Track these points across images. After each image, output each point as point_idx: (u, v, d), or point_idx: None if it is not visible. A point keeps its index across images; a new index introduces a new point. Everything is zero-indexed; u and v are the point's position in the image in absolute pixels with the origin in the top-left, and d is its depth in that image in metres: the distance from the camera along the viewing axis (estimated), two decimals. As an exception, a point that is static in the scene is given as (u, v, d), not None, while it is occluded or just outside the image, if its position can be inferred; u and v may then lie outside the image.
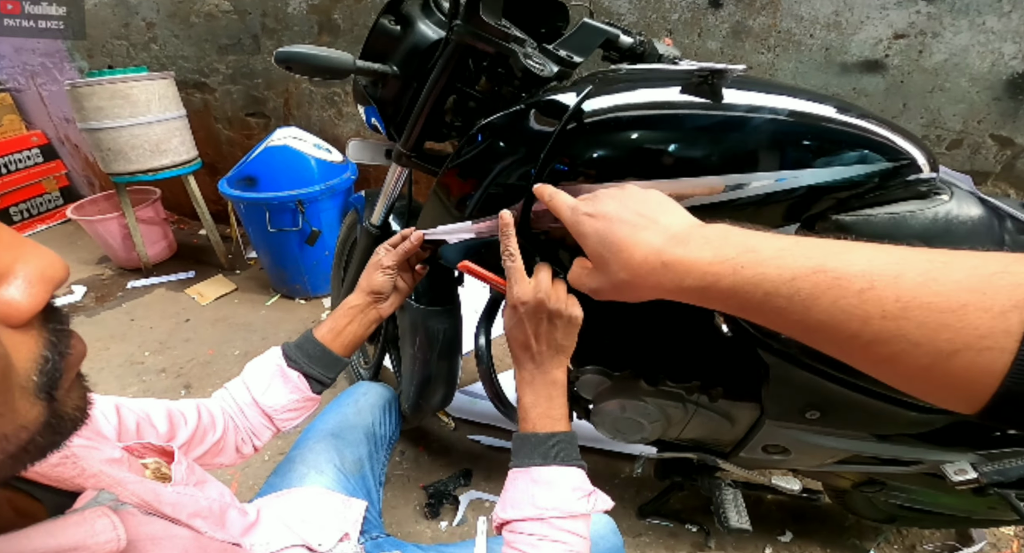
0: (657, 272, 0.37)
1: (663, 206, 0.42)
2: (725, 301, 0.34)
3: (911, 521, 1.04)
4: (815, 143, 0.53)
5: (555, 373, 0.57)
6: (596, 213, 0.43)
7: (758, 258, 0.32)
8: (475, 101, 0.77)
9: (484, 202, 0.68)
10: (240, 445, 0.67)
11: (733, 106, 0.55)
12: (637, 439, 0.90)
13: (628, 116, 0.57)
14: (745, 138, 0.54)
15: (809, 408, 0.73)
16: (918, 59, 1.28)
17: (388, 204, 0.92)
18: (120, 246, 2.33)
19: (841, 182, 0.53)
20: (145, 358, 1.86)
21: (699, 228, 0.38)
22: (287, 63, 0.62)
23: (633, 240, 0.39)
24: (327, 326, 0.71)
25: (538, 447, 0.55)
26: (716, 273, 0.33)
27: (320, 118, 2.20)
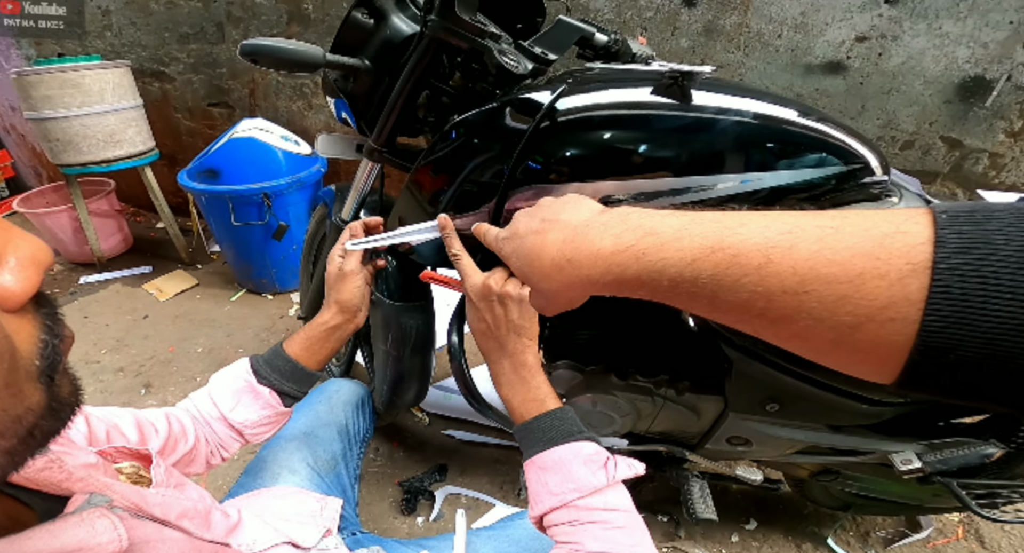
0: (565, 271, 0.35)
1: (569, 204, 0.40)
2: (637, 290, 0.31)
3: (864, 509, 1.09)
4: (779, 146, 0.55)
5: (523, 356, 0.57)
6: (510, 234, 0.43)
7: (658, 242, 0.29)
8: (448, 97, 0.76)
9: (458, 199, 0.68)
10: (209, 457, 0.65)
11: (702, 108, 0.57)
12: (608, 433, 0.92)
13: (600, 116, 0.58)
14: (713, 140, 0.56)
15: (769, 401, 0.77)
16: (877, 61, 1.32)
17: (359, 200, 0.91)
18: (71, 240, 2.21)
19: (801, 184, 0.55)
20: (101, 357, 1.78)
21: (598, 216, 0.36)
22: (253, 56, 0.60)
23: (540, 246, 0.38)
24: (300, 344, 0.69)
25: (534, 433, 0.54)
26: (620, 263, 0.31)
27: (288, 109, 2.14)
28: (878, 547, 1.16)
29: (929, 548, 1.16)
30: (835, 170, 0.55)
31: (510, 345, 0.57)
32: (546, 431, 0.53)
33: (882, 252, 0.21)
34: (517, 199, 0.63)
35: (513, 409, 0.57)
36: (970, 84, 1.26)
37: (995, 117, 1.28)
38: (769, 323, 0.25)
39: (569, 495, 0.49)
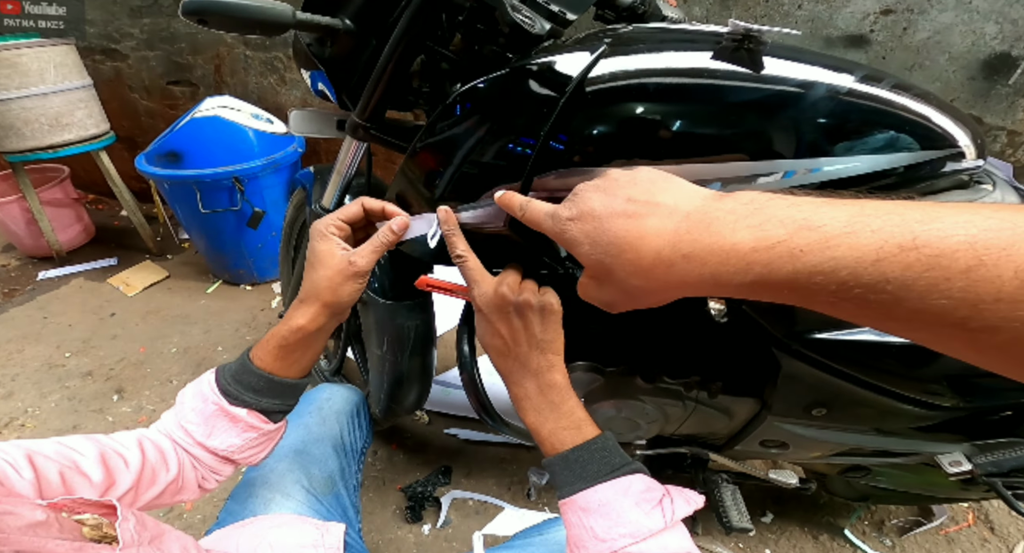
0: (677, 268, 0.30)
1: (658, 183, 0.34)
2: (779, 293, 0.27)
3: (882, 499, 1.07)
4: (870, 127, 0.45)
5: (549, 375, 0.49)
6: (579, 214, 0.35)
7: (822, 237, 0.24)
8: (448, 63, 0.64)
9: (457, 185, 0.57)
10: (202, 482, 0.56)
11: (783, 79, 0.46)
12: (632, 439, 0.84)
13: (651, 84, 0.47)
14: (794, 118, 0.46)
15: (816, 405, 0.70)
16: (902, 36, 1.26)
17: (342, 184, 0.79)
18: (25, 232, 2.04)
19: (886, 171, 0.46)
20: (66, 360, 1.64)
21: (718, 201, 0.30)
22: (200, 15, 0.47)
23: (636, 234, 0.31)
24: (273, 353, 0.54)
25: (571, 468, 0.46)
26: (766, 262, 0.26)
27: (259, 85, 1.96)
28: (892, 535, 1.15)
29: (941, 535, 1.15)
30: (927, 155, 0.45)
31: (533, 364, 0.49)
32: (586, 465, 0.45)
33: None
34: (551, 183, 0.52)
35: (543, 439, 0.48)
36: (995, 61, 1.22)
37: (1017, 95, 1.25)
38: (966, 334, 0.21)
39: (620, 541, 0.42)
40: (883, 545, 1.12)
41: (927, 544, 1.12)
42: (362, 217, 0.55)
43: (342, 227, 0.54)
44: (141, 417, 1.44)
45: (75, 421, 1.42)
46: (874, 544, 1.12)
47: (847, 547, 1.11)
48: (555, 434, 0.47)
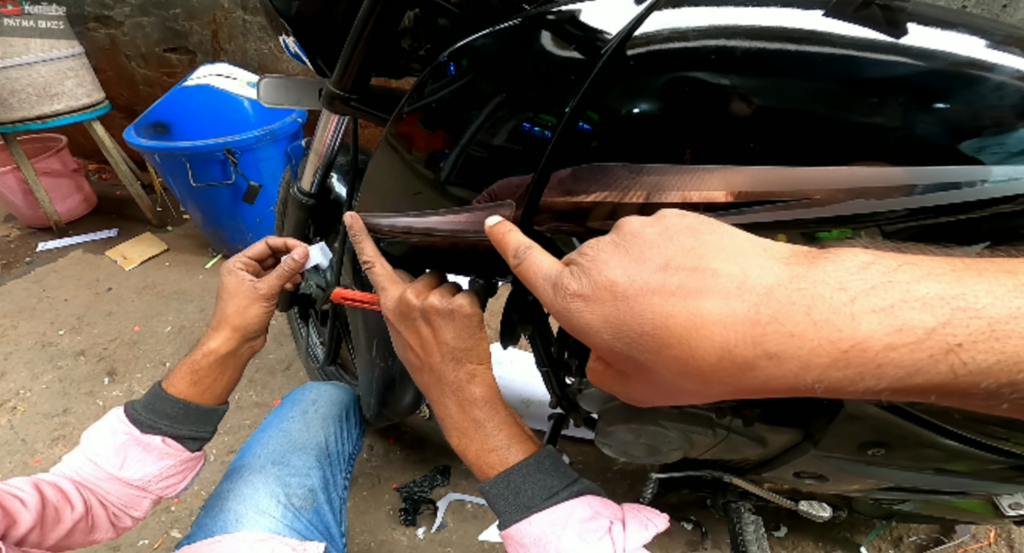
0: (759, 372, 0.20)
1: (706, 239, 0.24)
2: (921, 397, 0.19)
3: (908, 518, 1.00)
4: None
5: (468, 389, 0.43)
6: (594, 289, 0.24)
7: (987, 326, 0.17)
8: (447, 17, 0.52)
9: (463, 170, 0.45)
10: (114, 520, 0.54)
11: (939, 55, 0.32)
12: (651, 462, 0.75)
13: (728, 49, 0.33)
14: (956, 108, 0.31)
15: (874, 445, 0.59)
16: (1000, 13, 1.08)
17: (323, 165, 0.68)
18: (23, 203, 1.99)
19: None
20: (59, 338, 1.60)
21: (812, 269, 0.20)
22: None
23: (686, 322, 0.21)
24: (185, 380, 0.56)
25: (502, 496, 0.40)
26: (908, 365, 0.18)
27: (258, 52, 1.84)
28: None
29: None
30: None
31: (450, 376, 0.43)
32: (518, 491, 0.39)
33: None
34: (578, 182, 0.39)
35: (470, 463, 0.43)
36: None
37: None
38: None
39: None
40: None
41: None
42: (268, 254, 0.62)
43: (248, 264, 0.60)
44: (131, 401, 1.39)
45: (65, 404, 1.38)
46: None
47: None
48: (482, 457, 0.42)
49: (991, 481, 0.65)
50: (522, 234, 0.34)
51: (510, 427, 0.43)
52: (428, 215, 0.50)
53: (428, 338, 0.43)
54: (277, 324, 1.60)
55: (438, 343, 0.43)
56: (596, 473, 1.20)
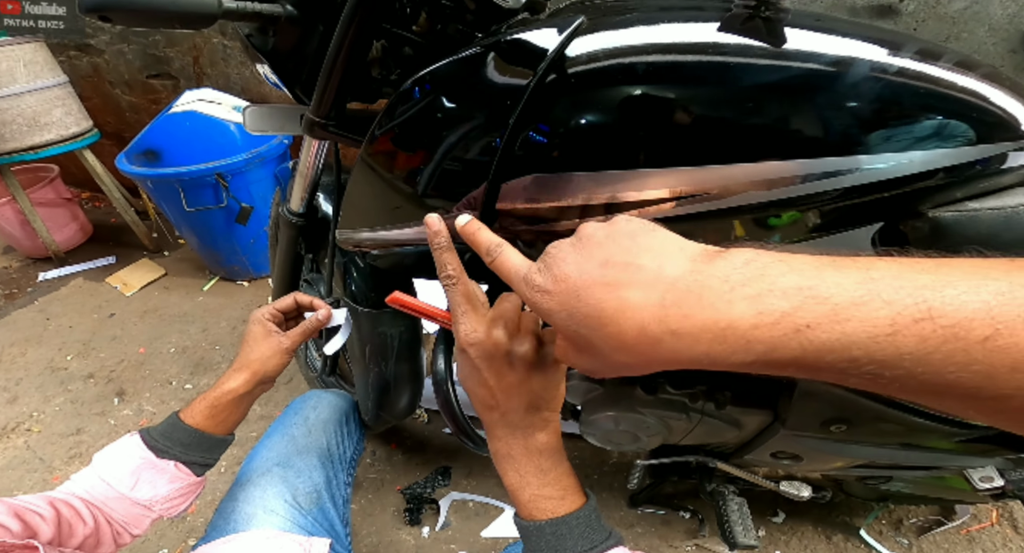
0: (665, 345, 0.25)
1: (638, 239, 0.29)
2: (783, 371, 0.24)
3: (903, 499, 1.01)
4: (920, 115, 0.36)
5: (539, 437, 0.42)
6: (552, 284, 0.30)
7: (831, 310, 0.21)
8: (411, 46, 0.56)
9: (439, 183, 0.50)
10: (116, 537, 0.58)
11: (810, 55, 0.37)
12: (633, 449, 0.79)
13: (642, 64, 0.38)
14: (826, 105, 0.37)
15: (835, 422, 0.63)
16: (936, 6, 1.15)
17: (309, 186, 0.72)
18: (21, 234, 2.02)
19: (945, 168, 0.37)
20: (68, 363, 1.63)
21: (709, 265, 0.25)
22: (101, 11, 0.40)
23: (615, 307, 0.26)
24: (203, 413, 0.62)
25: (546, 540, 0.41)
26: (768, 341, 0.23)
27: (241, 76, 1.87)
28: (911, 535, 1.09)
29: (963, 534, 1.09)
30: (995, 148, 0.36)
31: (523, 422, 0.42)
32: (562, 539, 0.41)
33: None
34: (526, 190, 0.44)
35: (521, 503, 0.43)
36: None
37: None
38: (978, 402, 0.21)
39: None
40: (900, 545, 1.06)
41: (946, 544, 1.07)
42: (294, 308, 0.70)
43: (276, 315, 0.68)
44: (142, 420, 1.43)
45: (79, 424, 1.42)
46: (890, 544, 1.06)
47: (862, 548, 1.06)
48: (535, 502, 0.42)
49: (958, 455, 0.68)
50: (491, 232, 0.37)
51: (568, 478, 0.43)
52: (405, 227, 0.54)
53: (513, 384, 0.41)
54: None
55: (521, 390, 0.41)
56: (592, 468, 1.23)
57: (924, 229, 0.38)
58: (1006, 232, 0.37)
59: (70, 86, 1.80)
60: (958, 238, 0.38)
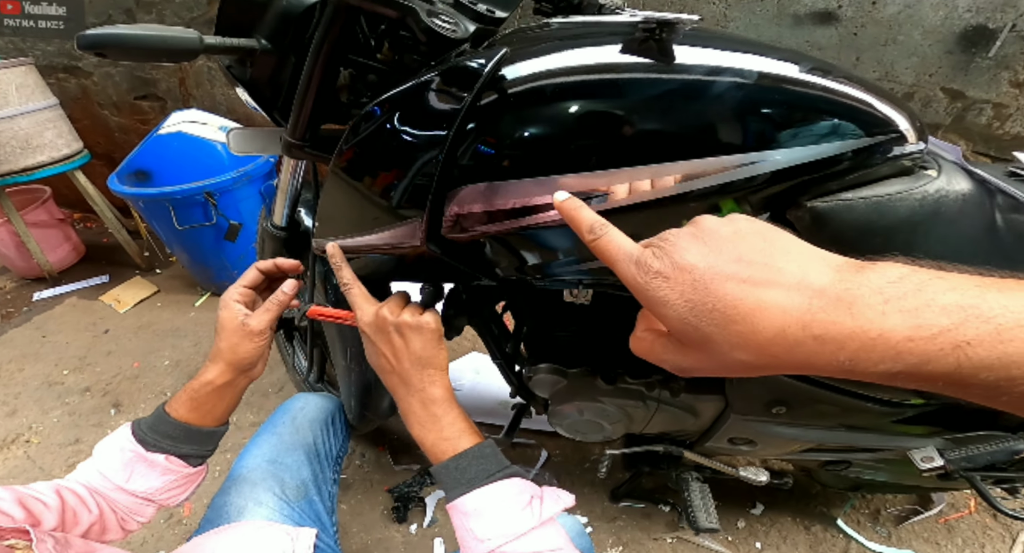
0: (804, 349, 0.25)
1: (774, 242, 0.29)
2: (930, 385, 0.24)
3: (875, 488, 1.05)
4: (791, 114, 0.43)
5: (430, 390, 0.53)
6: (675, 272, 0.28)
7: (994, 330, 0.22)
8: (376, 74, 0.63)
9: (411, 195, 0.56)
10: (123, 523, 0.60)
11: (689, 68, 0.44)
12: (599, 439, 0.84)
13: (553, 85, 0.45)
14: (706, 110, 0.44)
15: (775, 404, 0.68)
16: (871, 10, 1.22)
17: (289, 201, 0.78)
18: (16, 255, 2.05)
19: (820, 161, 0.44)
20: (65, 377, 1.67)
21: (858, 276, 0.26)
22: (97, 48, 0.46)
23: (752, 305, 0.26)
24: (186, 406, 0.59)
25: (451, 475, 0.50)
26: (921, 353, 0.23)
27: (226, 97, 1.93)
28: (889, 525, 1.12)
29: (941, 523, 1.12)
30: (858, 143, 0.43)
31: (415, 380, 0.54)
32: (464, 472, 0.50)
33: None
34: (464, 198, 0.51)
35: (427, 449, 0.53)
36: (972, 34, 1.18)
37: (999, 67, 1.21)
38: None
39: (496, 540, 0.46)
40: (879, 535, 1.10)
41: (925, 533, 1.10)
42: (261, 279, 0.64)
43: (244, 294, 0.62)
44: (137, 432, 1.46)
45: (76, 435, 1.45)
46: (869, 534, 1.09)
47: (841, 537, 1.09)
48: (437, 445, 0.52)
49: (898, 435, 0.73)
50: (592, 211, 0.36)
51: (462, 422, 0.53)
52: (372, 233, 0.60)
53: (400, 347, 0.53)
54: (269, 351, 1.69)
55: (408, 352, 0.53)
56: (574, 464, 1.28)
57: (806, 218, 0.45)
58: (880, 219, 0.44)
59: (60, 108, 1.84)
60: (837, 225, 0.44)
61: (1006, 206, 0.46)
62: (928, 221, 0.44)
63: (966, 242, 0.46)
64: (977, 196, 0.46)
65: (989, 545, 1.08)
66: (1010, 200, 0.46)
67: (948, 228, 0.45)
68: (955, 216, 0.45)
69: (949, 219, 0.45)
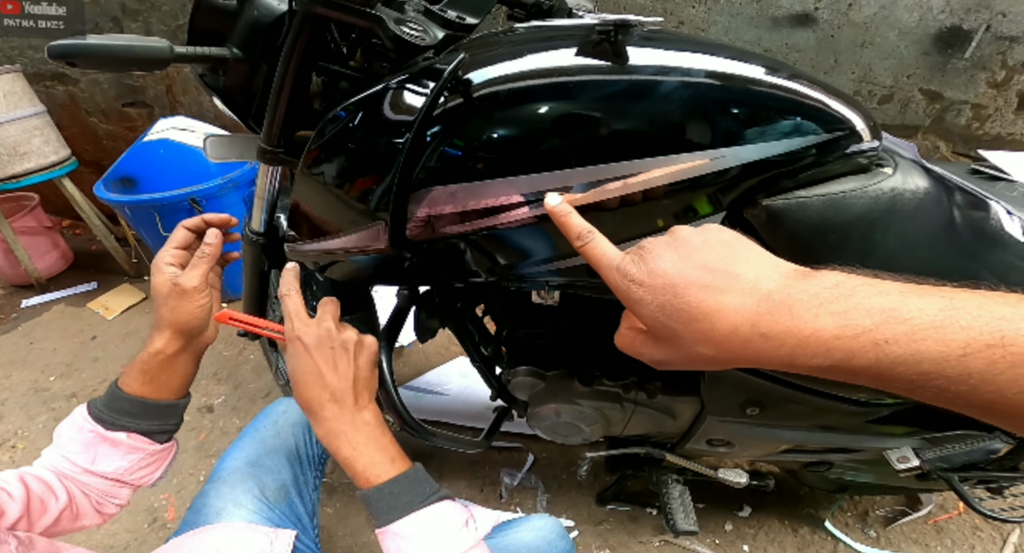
0: (752, 345, 0.30)
1: (736, 250, 0.33)
2: (855, 378, 0.28)
3: (862, 490, 1.05)
4: (742, 112, 0.44)
5: (365, 413, 0.51)
6: (650, 278, 0.33)
7: (909, 330, 0.25)
8: (348, 80, 0.63)
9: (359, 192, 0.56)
10: (98, 507, 0.58)
11: (639, 68, 0.45)
12: (578, 441, 0.84)
13: (512, 88, 0.46)
14: (657, 109, 0.45)
15: (749, 404, 0.69)
16: (848, 12, 1.24)
17: (267, 207, 0.78)
18: (3, 262, 2.04)
19: (773, 159, 0.44)
20: (51, 384, 1.66)
21: (801, 282, 0.30)
22: (68, 58, 0.46)
23: (711, 307, 0.30)
24: (138, 379, 0.56)
25: (386, 499, 0.49)
26: (847, 350, 0.27)
27: (213, 104, 1.94)
28: (878, 526, 1.12)
29: (930, 524, 1.12)
30: (814, 139, 0.44)
31: (350, 401, 0.51)
32: (400, 496, 0.49)
33: None
34: (434, 199, 0.51)
35: (357, 472, 0.50)
36: (947, 35, 1.20)
37: (976, 68, 1.22)
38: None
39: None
40: (867, 536, 1.09)
41: (914, 534, 1.10)
42: (192, 237, 0.61)
43: (176, 255, 0.59)
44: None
45: (61, 442, 1.45)
46: (857, 536, 1.09)
47: (828, 540, 1.09)
48: (368, 469, 0.50)
49: (872, 435, 0.74)
50: (581, 218, 0.39)
51: (394, 446, 0.52)
52: (340, 235, 0.60)
53: (345, 366, 0.51)
54: (256, 357, 1.69)
55: (354, 370, 0.51)
56: (560, 468, 1.28)
57: (762, 216, 0.45)
58: (835, 216, 0.44)
59: (48, 115, 1.84)
60: (792, 223, 0.45)
61: (964, 203, 0.47)
62: (884, 218, 0.45)
63: (924, 238, 0.47)
64: (934, 193, 0.46)
65: (979, 546, 1.08)
66: (969, 197, 0.47)
67: (905, 224, 0.46)
68: (912, 213, 0.45)
69: (905, 216, 0.45)
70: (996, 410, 0.25)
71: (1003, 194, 0.51)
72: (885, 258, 0.47)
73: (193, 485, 1.29)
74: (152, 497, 1.25)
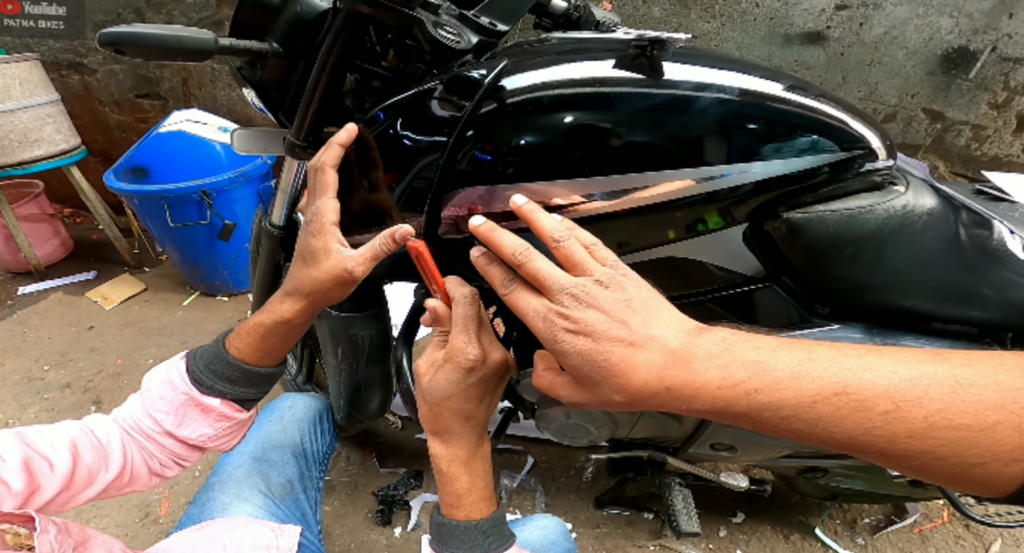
0: (659, 396, 0.33)
1: (652, 310, 0.35)
2: (736, 421, 0.32)
3: (852, 498, 1.07)
4: (770, 129, 0.46)
5: (486, 446, 0.48)
6: (577, 328, 0.34)
7: (773, 380, 0.29)
8: (381, 80, 0.65)
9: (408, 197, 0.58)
10: (160, 470, 0.56)
11: (676, 83, 0.47)
12: (584, 443, 0.85)
13: (549, 96, 0.48)
14: (690, 124, 0.47)
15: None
16: (859, 31, 1.27)
17: (289, 201, 0.80)
18: (4, 248, 2.04)
19: (795, 174, 0.47)
20: (45, 373, 1.65)
21: (697, 338, 0.33)
22: (116, 45, 0.47)
23: (628, 364, 0.33)
24: (251, 345, 0.52)
25: (471, 539, 0.46)
26: (727, 398, 0.31)
27: (228, 98, 1.96)
28: (865, 534, 1.15)
29: (916, 533, 1.15)
30: (830, 158, 0.46)
31: (482, 430, 0.47)
32: (485, 538, 0.46)
33: (1015, 406, 0.24)
34: (462, 200, 0.53)
35: (464, 504, 0.46)
36: (953, 55, 1.23)
37: (978, 89, 1.25)
38: (885, 458, 0.28)
39: None
40: (856, 544, 1.12)
41: (900, 542, 1.12)
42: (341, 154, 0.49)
43: (339, 210, 0.48)
44: (118, 430, 1.45)
45: (53, 433, 1.44)
46: (846, 543, 1.12)
47: (818, 547, 1.11)
48: (475, 504, 0.46)
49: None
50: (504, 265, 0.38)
51: (491, 486, 0.48)
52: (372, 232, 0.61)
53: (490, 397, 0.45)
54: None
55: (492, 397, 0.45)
56: (560, 471, 1.29)
57: (782, 229, 0.48)
58: (850, 231, 0.47)
59: (61, 104, 1.85)
60: (810, 236, 0.47)
61: (970, 222, 0.49)
62: (895, 234, 0.47)
63: (931, 254, 0.49)
64: (942, 211, 0.49)
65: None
66: (974, 216, 0.50)
67: (914, 240, 0.48)
68: (921, 229, 0.48)
69: (915, 232, 0.48)
70: (853, 450, 0.28)
71: (1006, 214, 0.54)
72: (894, 272, 0.49)
73: (188, 480, 1.28)
74: (145, 492, 1.25)
